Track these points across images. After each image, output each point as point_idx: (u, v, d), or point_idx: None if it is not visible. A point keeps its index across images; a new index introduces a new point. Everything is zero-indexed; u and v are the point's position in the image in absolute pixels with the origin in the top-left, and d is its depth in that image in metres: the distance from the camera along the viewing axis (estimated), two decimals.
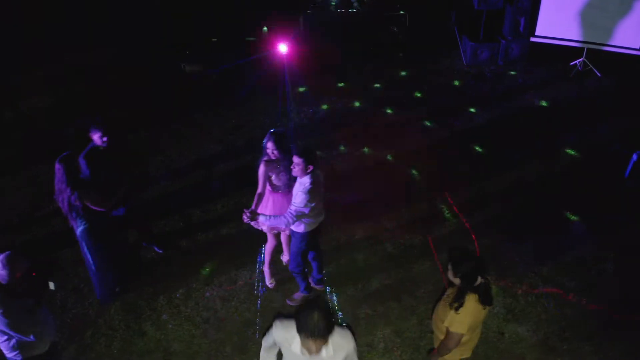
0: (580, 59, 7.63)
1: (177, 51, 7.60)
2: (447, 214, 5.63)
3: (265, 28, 7.83)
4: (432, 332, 4.35)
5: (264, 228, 4.62)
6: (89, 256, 4.54)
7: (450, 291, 3.37)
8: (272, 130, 4.32)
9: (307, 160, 3.87)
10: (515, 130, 6.83)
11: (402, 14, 7.49)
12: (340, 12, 7.46)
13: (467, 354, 3.51)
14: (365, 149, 6.56)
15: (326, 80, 7.82)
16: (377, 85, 7.68)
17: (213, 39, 7.65)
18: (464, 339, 3.28)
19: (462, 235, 5.38)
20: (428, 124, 6.95)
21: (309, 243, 4.44)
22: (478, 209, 5.67)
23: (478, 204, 5.75)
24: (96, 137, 4.41)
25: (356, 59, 7.99)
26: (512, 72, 7.82)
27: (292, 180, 4.34)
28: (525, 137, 6.71)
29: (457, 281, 3.17)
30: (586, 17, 7.33)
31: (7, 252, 3.29)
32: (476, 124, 6.96)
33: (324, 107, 7.31)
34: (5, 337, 3.40)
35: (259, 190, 4.43)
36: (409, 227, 5.49)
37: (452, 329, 3.21)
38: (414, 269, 5.10)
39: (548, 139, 6.64)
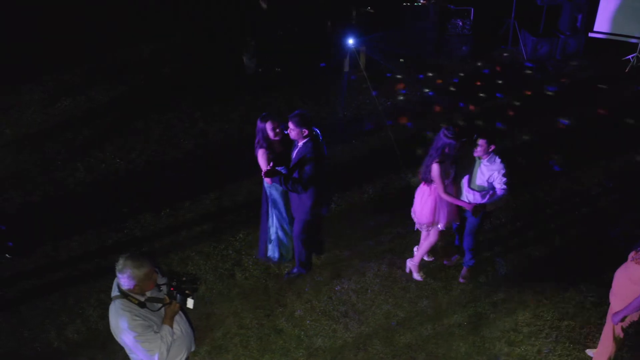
0: (634, 54, 7.91)
1: (239, 44, 7.35)
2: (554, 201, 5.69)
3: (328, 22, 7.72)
4: (569, 315, 4.47)
5: (434, 229, 4.45)
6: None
7: (634, 254, 3.60)
8: (447, 127, 4.13)
9: (490, 140, 4.10)
10: (591, 120, 6.89)
11: (467, 7, 7.58)
12: (406, 5, 7.45)
13: None
14: None
15: (394, 72, 7.76)
16: (447, 77, 7.69)
17: (280, 33, 7.45)
18: None
19: (584, 222, 5.44)
20: (507, 116, 6.94)
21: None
22: (586, 196, 5.74)
23: (579, 191, 5.81)
24: (269, 129, 4.23)
25: (422, 52, 7.96)
26: (572, 67, 7.93)
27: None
28: (603, 126, 6.78)
29: None
30: None
31: (127, 254, 2.88)
32: (554, 115, 6.96)
33: (400, 97, 7.25)
34: (132, 354, 3.05)
35: (442, 190, 4.18)
36: (519, 215, 5.48)
37: None
38: (532, 255, 5.09)
39: (626, 128, 6.74)
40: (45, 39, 8.19)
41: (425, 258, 4.92)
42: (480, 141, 4.12)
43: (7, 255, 5.10)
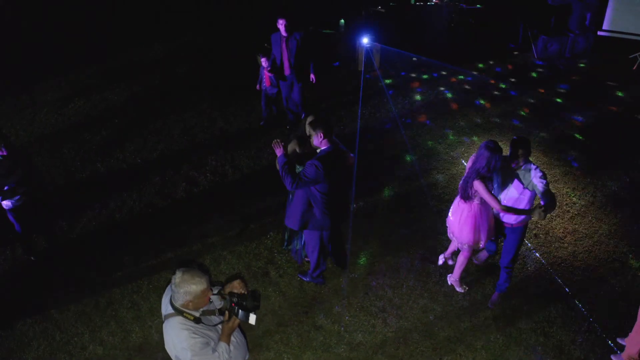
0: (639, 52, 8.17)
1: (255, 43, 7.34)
2: (576, 197, 5.79)
3: (342, 21, 7.74)
4: (598, 306, 4.57)
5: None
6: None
7: None
8: (488, 141, 3.96)
9: (526, 151, 3.93)
10: (607, 119, 7.01)
11: (479, 7, 7.70)
12: (419, 5, 7.55)
13: None
14: (475, 138, 6.61)
15: (409, 72, 7.86)
16: (461, 77, 7.79)
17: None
18: None
19: (603, 216, 5.52)
20: (523, 114, 7.09)
21: None
22: (606, 192, 5.85)
23: (599, 187, 5.92)
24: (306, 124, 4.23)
25: (435, 52, 8.05)
26: (581, 65, 8.16)
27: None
28: (621, 123, 6.91)
29: None
30: None
31: (183, 268, 2.76)
32: (571, 114, 7.07)
33: (418, 97, 7.33)
34: None
35: (498, 205, 4.02)
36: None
37: None
38: (560, 249, 5.18)
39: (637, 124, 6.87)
40: (55, 40, 8.09)
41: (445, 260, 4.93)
42: (518, 151, 3.92)
43: (32, 257, 5.04)
